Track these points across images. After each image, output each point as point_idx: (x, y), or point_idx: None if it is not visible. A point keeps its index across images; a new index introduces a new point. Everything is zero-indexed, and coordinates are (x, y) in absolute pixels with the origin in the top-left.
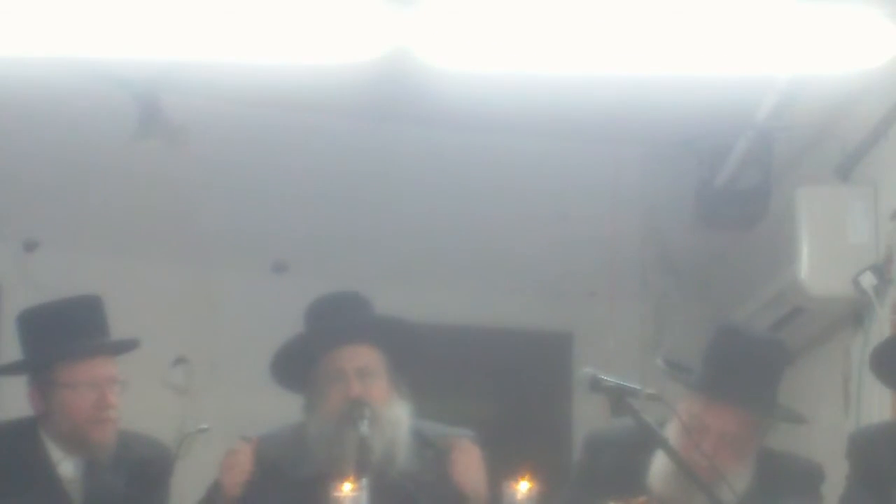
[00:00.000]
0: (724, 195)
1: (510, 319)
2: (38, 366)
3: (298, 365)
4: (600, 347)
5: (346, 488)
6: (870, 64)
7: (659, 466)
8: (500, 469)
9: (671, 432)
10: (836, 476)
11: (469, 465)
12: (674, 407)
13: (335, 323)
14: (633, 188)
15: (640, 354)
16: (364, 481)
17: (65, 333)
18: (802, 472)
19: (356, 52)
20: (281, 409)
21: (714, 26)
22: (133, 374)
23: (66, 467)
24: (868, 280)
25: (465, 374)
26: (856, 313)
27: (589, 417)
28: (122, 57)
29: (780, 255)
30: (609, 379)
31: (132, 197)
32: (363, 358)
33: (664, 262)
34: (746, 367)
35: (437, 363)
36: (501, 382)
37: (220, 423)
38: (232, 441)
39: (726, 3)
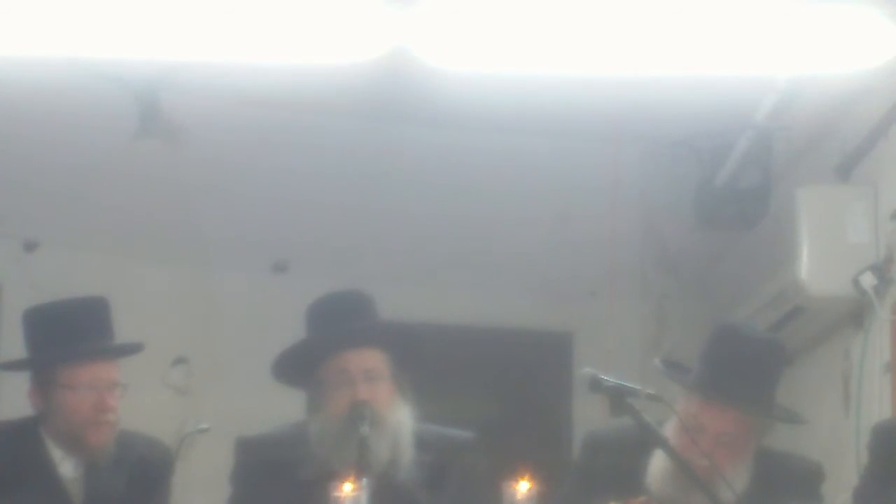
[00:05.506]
0: (724, 195)
1: (510, 319)
2: (39, 365)
3: (302, 366)
4: (600, 347)
5: (347, 488)
6: (870, 64)
7: (658, 466)
8: (501, 469)
9: (670, 432)
10: (836, 476)
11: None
12: (674, 407)
13: (342, 327)
14: (633, 188)
15: (640, 354)
16: (364, 481)
17: (67, 334)
18: (802, 472)
19: (356, 52)
20: (281, 408)
21: (714, 26)
22: (133, 374)
23: (67, 467)
24: (868, 280)
25: (465, 374)
26: (856, 313)
27: (589, 417)
28: (122, 57)
29: (780, 255)
30: (609, 379)
31: (132, 197)
32: (369, 361)
33: (664, 262)
34: (744, 367)
35: (438, 363)
36: (501, 382)
37: (220, 423)
38: (232, 441)
39: (726, 3)
